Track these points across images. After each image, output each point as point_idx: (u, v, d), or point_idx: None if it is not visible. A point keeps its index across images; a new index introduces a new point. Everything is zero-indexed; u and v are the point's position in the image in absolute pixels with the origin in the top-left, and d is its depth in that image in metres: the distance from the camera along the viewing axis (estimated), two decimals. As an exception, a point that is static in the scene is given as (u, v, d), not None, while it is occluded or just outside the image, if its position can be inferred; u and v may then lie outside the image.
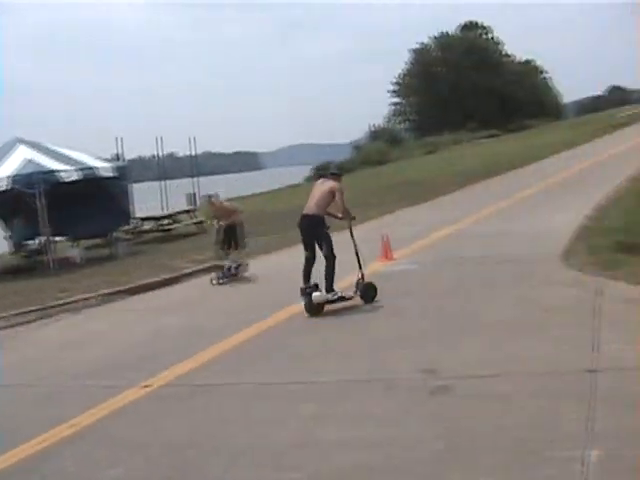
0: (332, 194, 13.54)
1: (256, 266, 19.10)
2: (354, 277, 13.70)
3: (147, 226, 29.05)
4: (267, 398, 8.98)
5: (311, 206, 13.61)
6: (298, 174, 75.33)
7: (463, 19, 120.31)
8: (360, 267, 13.64)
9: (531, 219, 21.67)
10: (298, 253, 20.69)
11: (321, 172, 13.08)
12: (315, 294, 13.18)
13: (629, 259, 14.67)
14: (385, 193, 35.76)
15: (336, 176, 14.11)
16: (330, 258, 13.30)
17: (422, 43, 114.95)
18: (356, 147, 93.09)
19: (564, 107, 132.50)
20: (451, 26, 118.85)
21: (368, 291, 13.55)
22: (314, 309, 13.16)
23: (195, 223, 29.55)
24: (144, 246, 26.05)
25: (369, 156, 78.32)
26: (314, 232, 13.62)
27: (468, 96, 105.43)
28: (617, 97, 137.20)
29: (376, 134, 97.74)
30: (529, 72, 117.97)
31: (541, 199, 26.80)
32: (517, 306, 12.11)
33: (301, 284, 13.46)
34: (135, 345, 12.59)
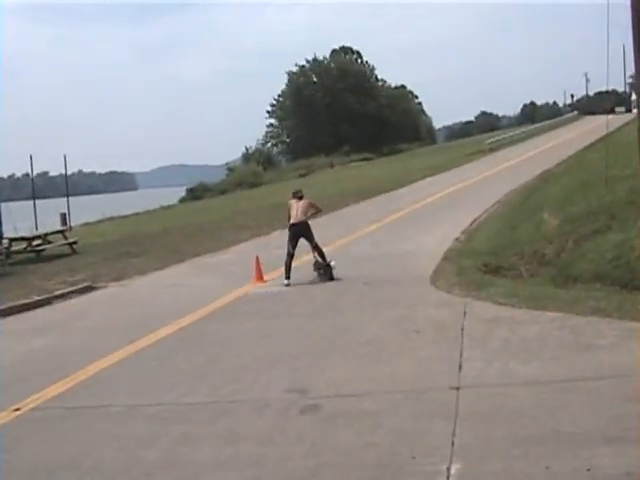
0: (310, 206, 18.64)
1: (129, 287, 19.13)
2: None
3: (18, 247, 28.47)
4: (138, 419, 8.95)
5: (299, 216, 18.19)
6: (172, 195, 74.92)
7: (338, 43, 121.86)
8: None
9: (402, 241, 22.11)
10: (170, 273, 20.83)
11: (297, 195, 17.65)
12: (332, 263, 17.83)
13: (494, 280, 15.17)
14: (258, 215, 35.85)
15: (302, 196, 18.84)
16: (318, 245, 18.15)
17: (298, 65, 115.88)
18: (230, 169, 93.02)
19: (436, 132, 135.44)
20: (328, 49, 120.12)
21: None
22: (332, 275, 17.58)
23: (68, 244, 29.09)
24: (15, 267, 25.50)
25: (243, 178, 78.32)
26: (303, 233, 18.11)
27: (342, 120, 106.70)
28: (487, 123, 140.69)
29: (249, 156, 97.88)
30: (402, 97, 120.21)
31: (412, 222, 27.35)
32: (387, 326, 12.36)
33: (284, 278, 17.44)
34: (5, 368, 12.29)
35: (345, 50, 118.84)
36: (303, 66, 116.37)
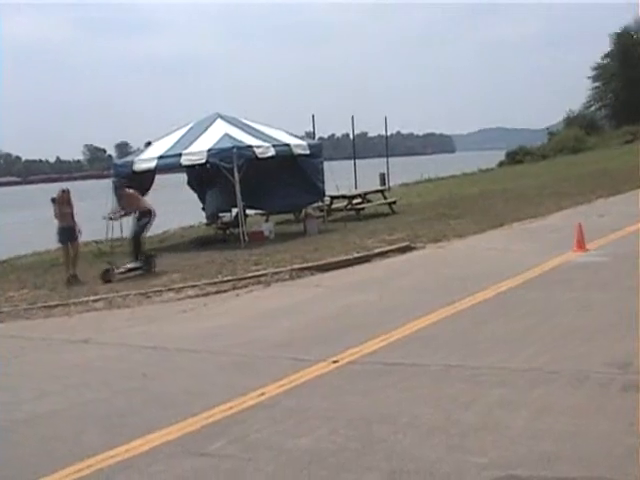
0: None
1: (447, 248, 19.42)
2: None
3: (338, 204, 29.40)
4: (456, 380, 9.04)
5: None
6: (490, 158, 74.54)
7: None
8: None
9: None
10: (488, 237, 20.80)
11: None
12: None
13: None
14: (580, 182, 35.07)
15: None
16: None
17: (623, 26, 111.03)
18: (551, 133, 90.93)
19: None
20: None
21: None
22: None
23: (387, 203, 29.71)
24: (334, 224, 26.40)
25: (564, 143, 76.31)
26: None
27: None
28: None
29: (571, 120, 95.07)
30: None
31: None
32: None
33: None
34: (325, 320, 12.90)
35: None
36: (628, 27, 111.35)
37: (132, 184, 22.77)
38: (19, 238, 35.66)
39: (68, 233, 19.27)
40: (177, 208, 35.78)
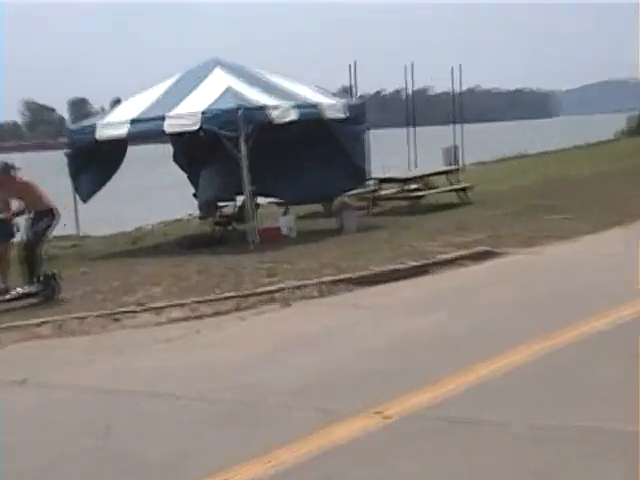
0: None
1: (544, 255, 19.43)
2: None
3: (388, 191, 29.31)
4: (548, 447, 8.84)
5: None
6: (606, 125, 74.21)
7: None
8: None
9: None
10: (601, 240, 20.67)
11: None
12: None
13: None
14: None
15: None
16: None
17: None
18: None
19: None
20: None
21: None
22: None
23: (456, 190, 29.59)
24: (381, 219, 26.33)
25: None
26: None
27: None
28: None
29: None
30: None
31: None
32: None
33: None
34: (365, 356, 12.82)
35: None
36: None
37: (94, 158, 22.69)
38: None
39: (2, 229, 19.08)
40: (157, 194, 35.86)
